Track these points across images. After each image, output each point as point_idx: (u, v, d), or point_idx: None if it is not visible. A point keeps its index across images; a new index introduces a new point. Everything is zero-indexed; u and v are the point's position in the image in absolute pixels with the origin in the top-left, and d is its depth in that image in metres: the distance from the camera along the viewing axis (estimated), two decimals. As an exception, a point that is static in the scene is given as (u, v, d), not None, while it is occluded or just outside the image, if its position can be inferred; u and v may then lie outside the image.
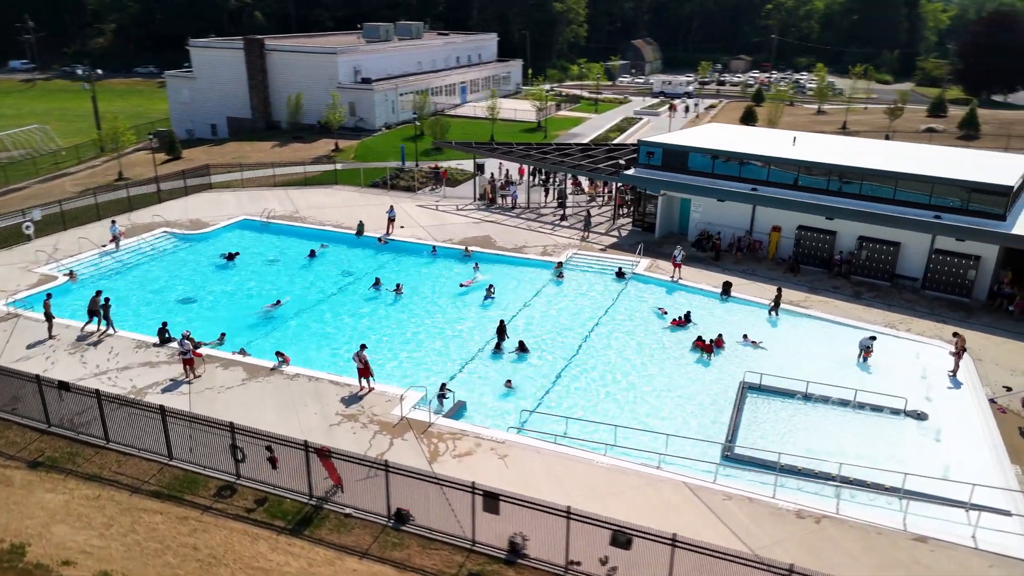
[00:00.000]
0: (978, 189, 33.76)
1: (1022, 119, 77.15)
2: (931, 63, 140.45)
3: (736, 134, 48.03)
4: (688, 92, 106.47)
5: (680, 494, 20.97)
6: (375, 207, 48.78)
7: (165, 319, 30.80)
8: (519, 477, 21.34)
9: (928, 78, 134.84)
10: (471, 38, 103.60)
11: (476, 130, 73.23)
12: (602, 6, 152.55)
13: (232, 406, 24.88)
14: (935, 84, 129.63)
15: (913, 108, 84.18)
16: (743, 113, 77.66)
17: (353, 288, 36.68)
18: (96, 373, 27.09)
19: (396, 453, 22.44)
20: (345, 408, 25.12)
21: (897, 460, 22.38)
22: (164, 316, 32.01)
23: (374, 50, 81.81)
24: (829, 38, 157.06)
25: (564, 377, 28.07)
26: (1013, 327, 31.78)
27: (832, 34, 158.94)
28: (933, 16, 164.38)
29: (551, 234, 43.97)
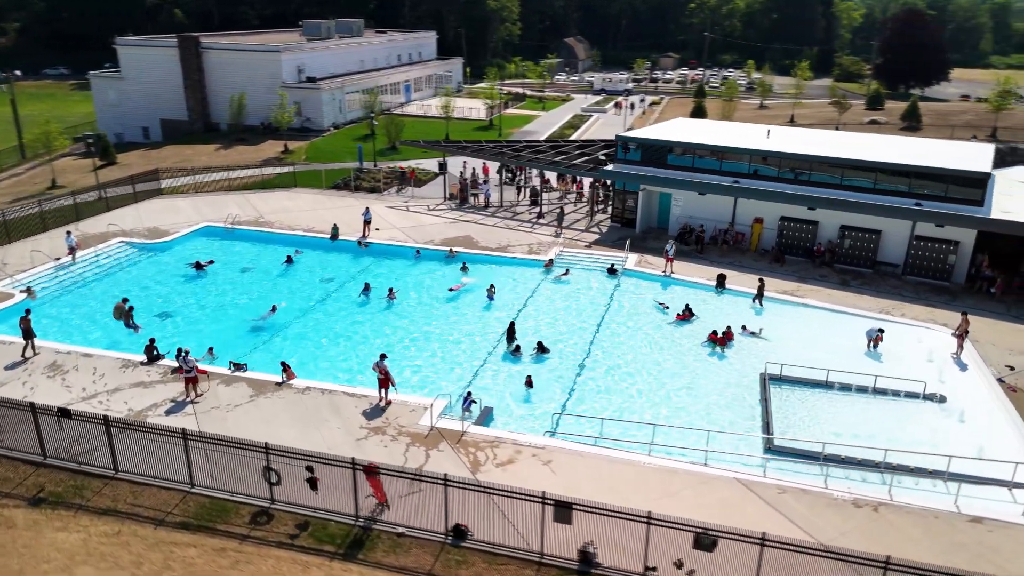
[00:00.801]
0: (957, 176, 35.00)
1: (957, 110, 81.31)
2: (848, 59, 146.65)
3: (708, 128, 48.52)
4: (628, 89, 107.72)
5: (734, 490, 20.70)
6: (342, 209, 47.13)
7: (146, 335, 28.65)
8: (568, 482, 20.62)
9: (845, 74, 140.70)
10: (411, 36, 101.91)
11: (430, 128, 71.87)
12: (533, 4, 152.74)
13: (245, 425, 23.23)
14: (852, 79, 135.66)
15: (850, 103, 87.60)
16: (692, 109, 78.95)
17: (340, 294, 35.11)
18: (84, 397, 24.87)
19: (435, 465, 21.37)
20: (368, 421, 23.82)
21: (929, 443, 22.75)
22: (142, 332, 29.92)
23: (317, 48, 79.27)
24: (751, 36, 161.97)
25: (584, 376, 27.47)
26: (998, 308, 33.07)
27: (754, 32, 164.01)
28: (846, 15, 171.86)
29: (531, 232, 43.33)
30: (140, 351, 28.23)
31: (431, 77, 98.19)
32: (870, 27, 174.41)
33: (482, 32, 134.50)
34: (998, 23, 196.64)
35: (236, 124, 70.80)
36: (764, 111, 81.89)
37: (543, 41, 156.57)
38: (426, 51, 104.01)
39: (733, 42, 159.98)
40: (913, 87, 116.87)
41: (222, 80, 74.01)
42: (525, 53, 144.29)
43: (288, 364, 26.20)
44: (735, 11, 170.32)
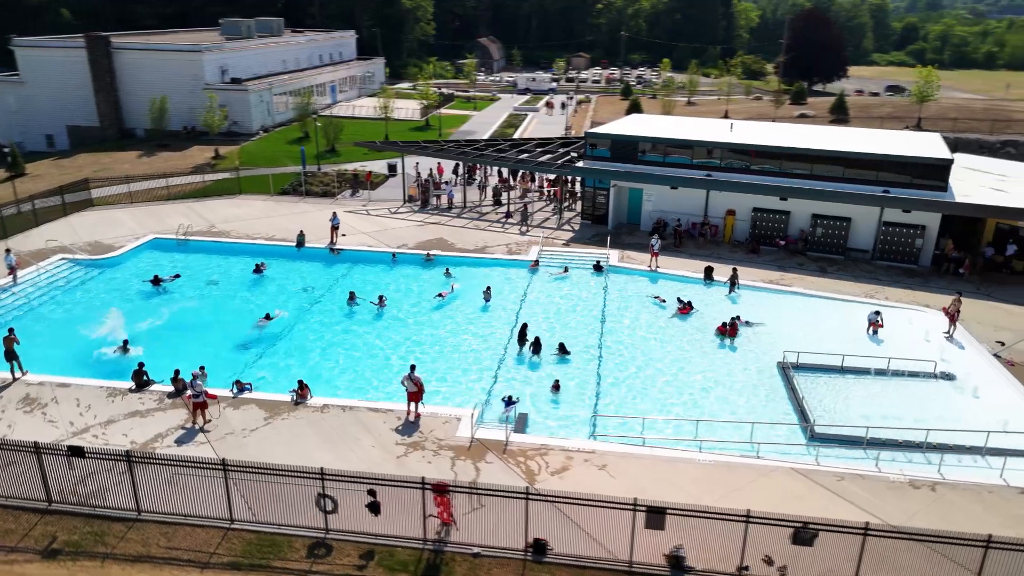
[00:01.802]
0: (923, 164, 36.64)
1: (876, 103, 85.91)
2: (749, 58, 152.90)
3: (667, 124, 49.05)
4: (552, 88, 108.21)
5: (795, 481, 20.67)
6: (298, 216, 44.87)
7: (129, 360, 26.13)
8: (630, 485, 20.02)
9: (748, 71, 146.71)
10: (332, 36, 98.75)
11: (367, 129, 69.68)
12: (444, 4, 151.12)
13: (269, 450, 21.42)
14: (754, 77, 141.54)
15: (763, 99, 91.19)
16: (628, 106, 79.92)
17: (324, 305, 33.20)
18: (75, 432, 22.31)
19: (489, 477, 20.32)
20: (403, 437, 22.46)
21: (953, 420, 23.49)
22: (113, 357, 27.39)
23: (240, 48, 75.35)
24: (657, 36, 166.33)
25: (604, 375, 26.93)
26: (968, 288, 34.68)
27: (659, 32, 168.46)
28: (744, 15, 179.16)
29: (504, 232, 42.49)
30: (120, 377, 25.80)
31: (355, 78, 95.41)
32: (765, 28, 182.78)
33: (397, 32, 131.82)
34: (877, 22, 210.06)
35: (157, 129, 66.33)
36: (694, 107, 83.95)
37: (456, 41, 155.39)
38: (346, 51, 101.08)
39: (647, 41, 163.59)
40: (816, 83, 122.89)
41: (137, 83, 69.17)
42: (440, 53, 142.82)
43: (304, 383, 24.41)
44: (640, 11, 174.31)
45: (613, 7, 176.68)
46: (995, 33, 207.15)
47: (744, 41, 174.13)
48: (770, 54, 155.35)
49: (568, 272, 36.31)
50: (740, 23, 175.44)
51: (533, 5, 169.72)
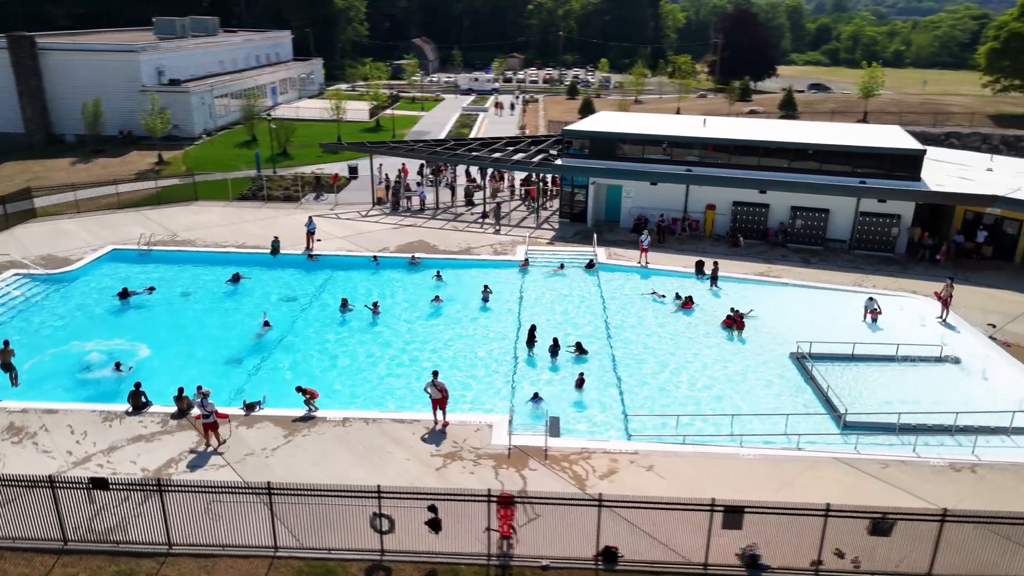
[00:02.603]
0: (897, 154, 37.72)
1: (819, 100, 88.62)
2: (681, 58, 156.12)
3: (636, 120, 49.15)
4: (496, 88, 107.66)
5: (841, 470, 20.66)
6: (264, 221, 42.93)
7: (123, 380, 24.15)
8: (683, 485, 19.59)
9: (679, 71, 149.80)
10: (268, 35, 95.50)
11: (318, 131, 67.46)
12: (376, 4, 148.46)
13: (297, 469, 20.04)
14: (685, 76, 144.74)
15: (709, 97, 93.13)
16: (580, 105, 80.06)
17: (314, 313, 31.60)
18: (76, 462, 20.33)
19: (538, 485, 19.50)
20: (436, 448, 21.40)
21: (970, 402, 24.03)
22: (103, 378, 25.35)
23: (176, 48, 71.73)
24: (589, 35, 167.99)
25: (623, 373, 26.45)
26: (945, 273, 35.66)
27: (590, 32, 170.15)
28: (671, 16, 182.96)
29: (484, 233, 41.62)
30: (110, 399, 23.86)
31: (295, 79, 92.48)
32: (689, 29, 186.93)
33: (329, 32, 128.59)
34: (793, 23, 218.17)
35: (92, 135, 62.38)
36: (643, 106, 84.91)
37: (388, 41, 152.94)
38: (283, 52, 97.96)
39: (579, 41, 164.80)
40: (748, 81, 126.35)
41: (66, 85, 64.90)
42: (374, 54, 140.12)
43: (304, 387, 23.00)
44: (571, 12, 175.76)
45: (544, 8, 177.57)
46: (901, 33, 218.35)
47: (672, 41, 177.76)
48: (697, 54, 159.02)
49: (564, 269, 35.79)
50: (667, 24, 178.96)
51: (465, 6, 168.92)
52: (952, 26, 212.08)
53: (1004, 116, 70.71)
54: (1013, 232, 37.13)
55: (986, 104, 78.03)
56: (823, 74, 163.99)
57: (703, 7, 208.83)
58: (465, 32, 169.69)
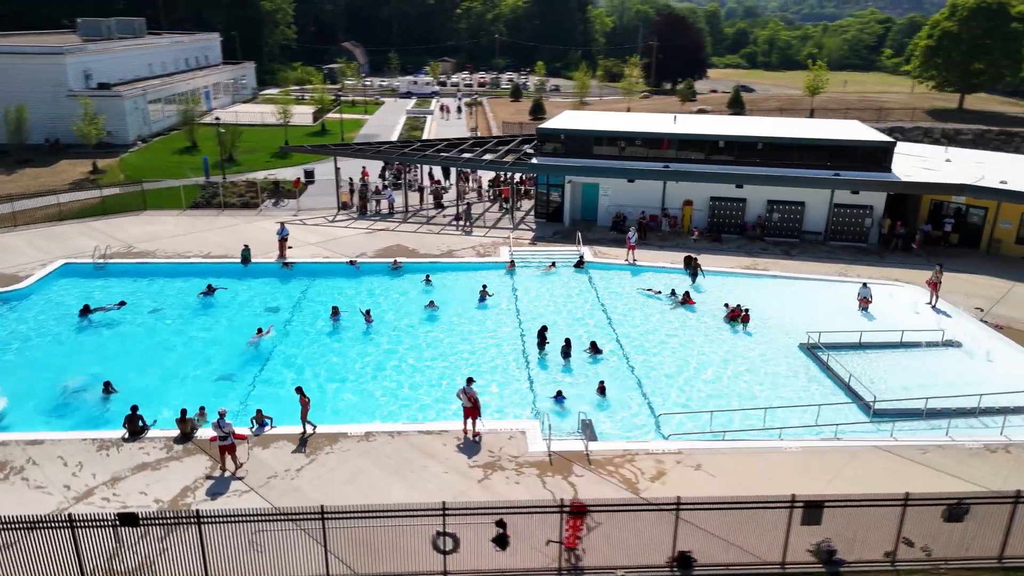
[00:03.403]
0: (870, 147, 38.61)
1: (761, 98, 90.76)
2: (609, 61, 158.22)
3: (603, 118, 48.90)
4: (436, 92, 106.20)
5: (883, 458, 20.55)
6: (226, 229, 40.62)
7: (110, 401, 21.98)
8: (734, 482, 19.10)
9: (610, 74, 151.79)
10: (197, 38, 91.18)
11: (263, 136, 64.72)
12: (302, 7, 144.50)
13: (330, 489, 18.56)
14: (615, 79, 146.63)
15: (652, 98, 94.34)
16: (532, 106, 79.53)
17: (302, 323, 29.79)
18: (78, 496, 18.24)
19: (590, 492, 18.57)
20: (471, 458, 20.22)
21: (983, 383, 24.45)
22: (73, 404, 23.17)
23: (104, 50, 67.39)
24: (519, 39, 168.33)
25: (642, 373, 25.85)
26: (921, 261, 36.82)
27: (520, 36, 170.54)
28: (599, 21, 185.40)
29: (461, 235, 40.47)
30: (98, 425, 21.75)
31: (228, 83, 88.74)
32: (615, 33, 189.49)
33: (255, 36, 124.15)
34: (712, 28, 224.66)
35: (16, 144, 57.84)
36: (590, 107, 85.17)
37: (315, 45, 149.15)
38: (212, 55, 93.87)
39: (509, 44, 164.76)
40: (679, 83, 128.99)
41: (-18, 90, 60.07)
42: (303, 58, 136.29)
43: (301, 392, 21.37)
44: (500, 16, 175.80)
45: (473, 12, 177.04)
46: (814, 37, 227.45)
47: (600, 45, 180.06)
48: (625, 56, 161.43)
49: (555, 267, 35.08)
50: (596, 28, 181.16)
51: (394, 9, 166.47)
52: (860, 30, 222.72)
53: (940, 111, 74.44)
54: (978, 219, 38.50)
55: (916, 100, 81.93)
56: (744, 76, 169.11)
57: (626, 12, 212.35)
58: (395, 36, 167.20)
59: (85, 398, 23.69)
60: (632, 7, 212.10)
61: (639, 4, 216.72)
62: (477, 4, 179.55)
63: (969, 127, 69.07)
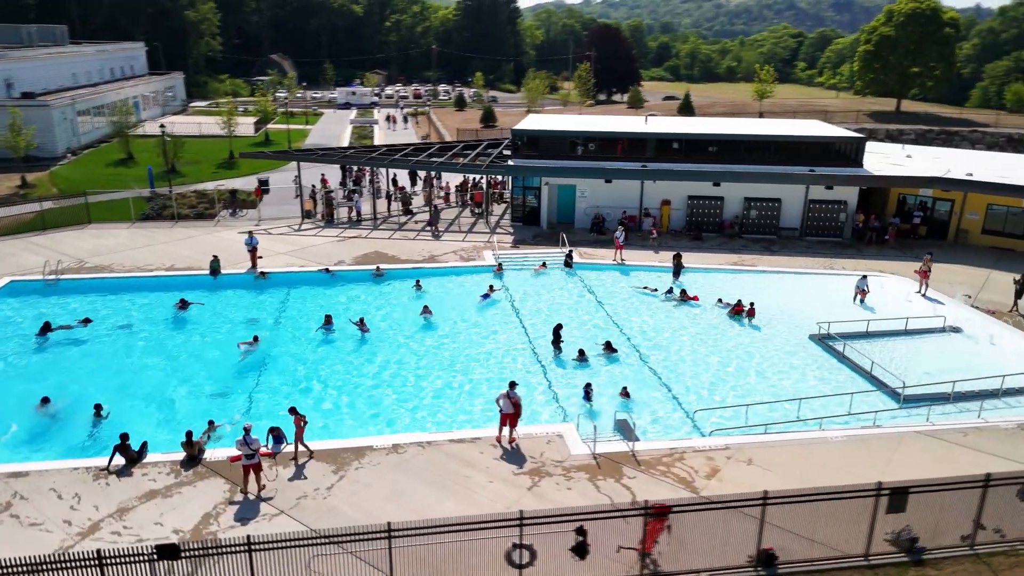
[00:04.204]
0: (842, 142, 39.27)
1: (705, 104, 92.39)
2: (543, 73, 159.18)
3: (586, 121, 48.49)
4: (375, 102, 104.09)
5: (927, 443, 20.31)
6: (185, 241, 38.10)
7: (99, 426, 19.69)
8: (791, 475, 18.43)
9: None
10: (122, 47, 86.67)
11: (208, 147, 61.60)
12: (229, 18, 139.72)
13: (370, 507, 16.97)
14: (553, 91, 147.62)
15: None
16: (483, 114, 78.53)
17: (292, 334, 27.77)
18: (82, 531, 16.02)
19: (647, 493, 17.51)
20: (515, 466, 18.91)
21: (995, 366, 24.71)
22: (37, 431, 20.82)
23: (25, 57, 62.88)
24: (450, 51, 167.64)
25: (664, 372, 25.05)
26: (897, 253, 37.64)
27: (452, 48, 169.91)
28: (530, 33, 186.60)
29: (437, 241, 39.06)
30: (87, 452, 19.47)
31: (157, 94, 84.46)
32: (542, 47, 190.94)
33: (179, 46, 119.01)
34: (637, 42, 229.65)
35: (-70, 156, 53.08)
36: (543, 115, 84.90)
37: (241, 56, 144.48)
38: (137, 65, 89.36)
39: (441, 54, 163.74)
40: (615, 93, 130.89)
41: None
42: (229, 70, 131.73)
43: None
44: (431, 29, 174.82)
45: (403, 25, 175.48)
46: (732, 51, 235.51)
47: (531, 57, 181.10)
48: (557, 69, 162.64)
49: (547, 267, 34.15)
50: (527, 40, 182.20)
51: (322, 21, 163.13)
52: (775, 44, 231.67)
53: (880, 113, 77.54)
54: (945, 212, 39.63)
55: (856, 104, 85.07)
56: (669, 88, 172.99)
57: (552, 26, 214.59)
58: (324, 48, 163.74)
59: (65, 423, 21.18)
60: (559, 21, 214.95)
61: (565, 19, 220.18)
62: (406, 17, 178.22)
63: (911, 127, 72.14)
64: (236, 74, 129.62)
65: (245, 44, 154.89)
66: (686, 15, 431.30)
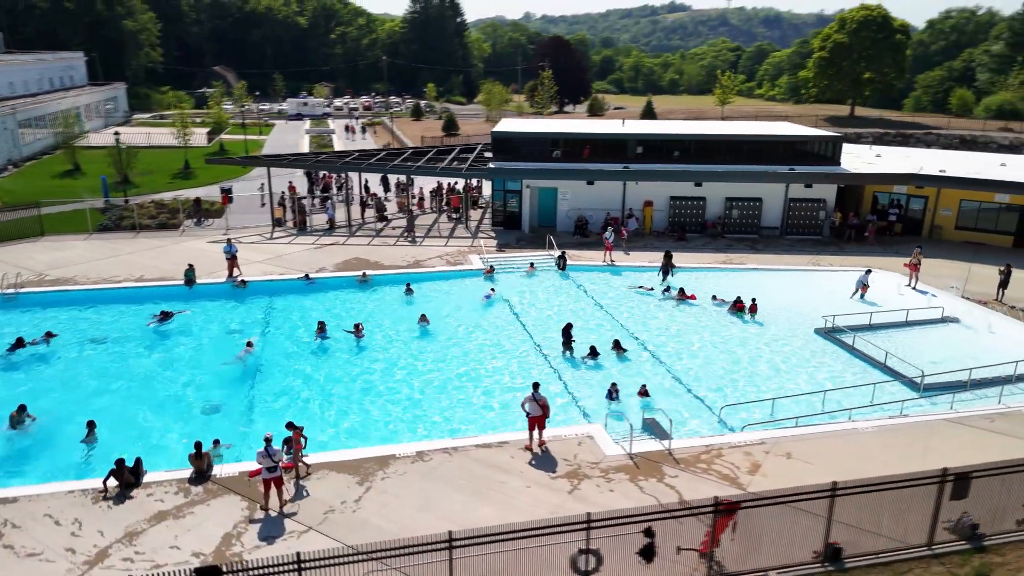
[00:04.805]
0: (821, 141, 39.67)
1: (665, 111, 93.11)
2: (490, 84, 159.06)
3: (561, 124, 47.92)
4: (327, 113, 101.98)
5: (958, 429, 20.11)
6: (151, 252, 36.15)
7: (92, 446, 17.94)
8: (833, 467, 17.79)
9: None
10: (61, 56, 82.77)
11: (162, 158, 58.91)
12: (169, 29, 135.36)
13: (401, 519, 15.78)
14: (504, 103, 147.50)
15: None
16: (445, 122, 77.46)
17: (282, 343, 26.20)
18: (90, 560, 14.36)
19: (695, 493, 16.78)
20: (550, 470, 17.92)
21: (1001, 353, 24.82)
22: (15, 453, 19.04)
23: (-40, 65, 59.35)
24: (399, 64, 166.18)
25: (681, 371, 24.41)
26: (877, 249, 37.96)
27: (399, 60, 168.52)
28: (477, 46, 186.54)
29: (419, 247, 37.85)
30: (80, 474, 17.73)
31: (99, 105, 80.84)
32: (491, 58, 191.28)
33: (117, 56, 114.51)
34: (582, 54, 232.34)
35: None
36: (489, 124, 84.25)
37: (184, 68, 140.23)
38: (77, 76, 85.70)
39: (391, 66, 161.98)
40: (567, 104, 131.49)
41: None
42: (170, 82, 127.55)
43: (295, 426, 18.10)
44: (378, 41, 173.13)
45: (348, 37, 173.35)
46: (674, 64, 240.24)
47: (480, 70, 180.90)
48: (506, 80, 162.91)
49: (535, 268, 33.43)
50: (474, 53, 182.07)
51: (266, 33, 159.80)
52: (715, 57, 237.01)
53: (836, 118, 79.51)
54: (919, 209, 40.35)
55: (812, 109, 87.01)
56: (615, 100, 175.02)
57: (499, 40, 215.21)
58: (268, 60, 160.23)
59: (47, 443, 19.28)
60: (504, 35, 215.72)
61: (511, 32, 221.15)
62: (352, 30, 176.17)
63: (868, 131, 74.12)
64: (177, 86, 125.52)
65: (186, 55, 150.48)
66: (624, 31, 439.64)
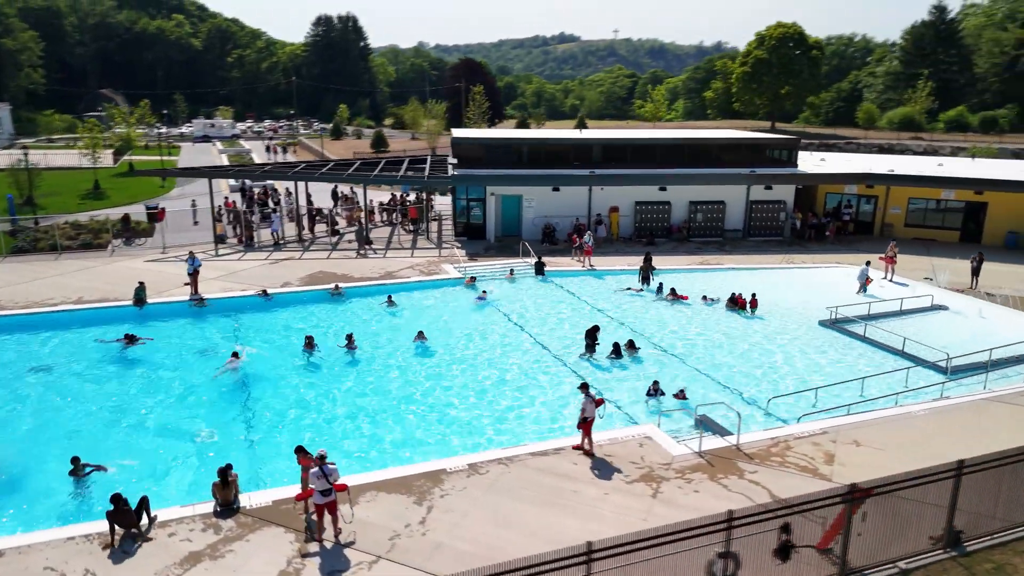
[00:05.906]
0: (778, 144, 40.25)
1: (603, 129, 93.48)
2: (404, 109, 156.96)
3: (523, 132, 46.55)
4: (236, 135, 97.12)
5: (1002, 408, 19.88)
6: (83, 273, 32.54)
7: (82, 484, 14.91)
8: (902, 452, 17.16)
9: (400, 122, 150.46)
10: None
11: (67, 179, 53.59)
12: (51, 49, 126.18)
13: (481, 537, 13.81)
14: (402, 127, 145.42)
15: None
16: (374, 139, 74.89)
17: (271, 362, 23.37)
18: (119, 619, 11.54)
19: (782, 487, 15.62)
20: (621, 473, 16.29)
21: (998, 336, 25.24)
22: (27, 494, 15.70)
23: None
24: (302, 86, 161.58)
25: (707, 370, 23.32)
26: (838, 248, 38.62)
27: (305, 83, 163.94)
28: (383, 70, 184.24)
29: (387, 258, 35.56)
30: (73, 517, 14.72)
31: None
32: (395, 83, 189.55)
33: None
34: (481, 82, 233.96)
35: None
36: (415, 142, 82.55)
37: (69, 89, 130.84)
38: (-47, 95, 77.50)
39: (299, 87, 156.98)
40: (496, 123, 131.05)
41: None
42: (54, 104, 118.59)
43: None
44: (278, 64, 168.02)
45: (247, 60, 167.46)
46: (574, 90, 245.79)
47: (385, 94, 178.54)
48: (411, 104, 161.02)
49: (514, 275, 31.95)
50: (380, 77, 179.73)
51: (158, 55, 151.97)
52: (612, 83, 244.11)
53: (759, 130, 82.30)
54: (869, 210, 41.54)
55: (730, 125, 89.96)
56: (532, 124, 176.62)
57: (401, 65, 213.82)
58: (160, 82, 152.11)
59: (20, 485, 15.96)
60: (407, 60, 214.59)
61: (413, 58, 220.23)
62: (251, 53, 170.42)
63: (796, 142, 77.20)
64: (61, 108, 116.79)
65: (69, 76, 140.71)
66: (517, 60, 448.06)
